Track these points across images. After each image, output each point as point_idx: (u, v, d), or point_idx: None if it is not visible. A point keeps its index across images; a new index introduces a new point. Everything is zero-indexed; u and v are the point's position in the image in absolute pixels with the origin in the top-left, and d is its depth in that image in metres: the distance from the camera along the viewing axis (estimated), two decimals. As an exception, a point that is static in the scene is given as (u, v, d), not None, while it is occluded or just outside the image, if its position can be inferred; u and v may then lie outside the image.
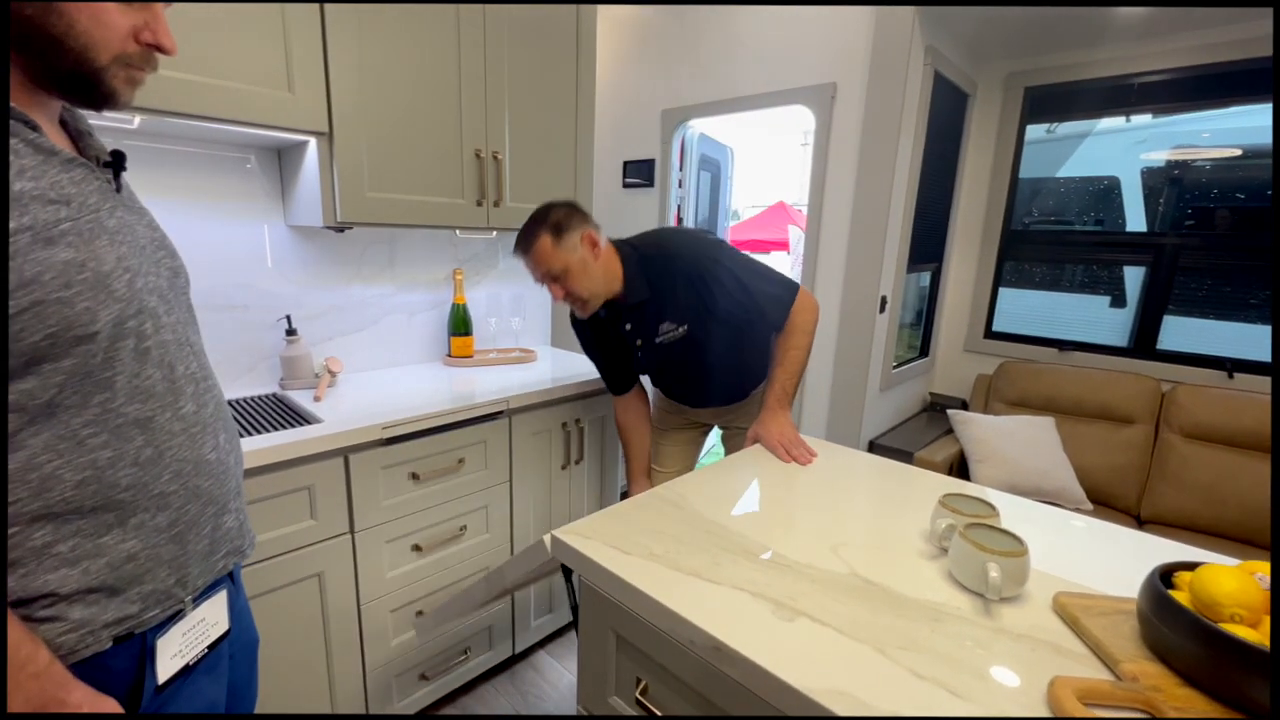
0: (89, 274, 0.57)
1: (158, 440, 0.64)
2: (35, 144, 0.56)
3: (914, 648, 0.65)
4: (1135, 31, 2.18)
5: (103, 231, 0.60)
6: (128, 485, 0.62)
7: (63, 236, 0.55)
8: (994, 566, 0.71)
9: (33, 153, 0.55)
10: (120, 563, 0.62)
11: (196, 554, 0.69)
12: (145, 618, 0.64)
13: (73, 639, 0.59)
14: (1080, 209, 2.59)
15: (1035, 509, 1.04)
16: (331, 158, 1.34)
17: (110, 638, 0.61)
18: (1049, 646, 0.66)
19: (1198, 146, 2.29)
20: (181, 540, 0.67)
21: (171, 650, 0.67)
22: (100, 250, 0.58)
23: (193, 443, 0.68)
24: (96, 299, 0.57)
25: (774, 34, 2.42)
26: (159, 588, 0.65)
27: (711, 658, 0.67)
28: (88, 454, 0.59)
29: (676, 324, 1.40)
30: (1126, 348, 2.45)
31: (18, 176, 0.53)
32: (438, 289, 1.90)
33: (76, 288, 0.56)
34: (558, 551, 0.87)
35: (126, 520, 0.62)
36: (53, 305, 0.54)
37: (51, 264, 0.54)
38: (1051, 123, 2.58)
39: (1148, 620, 0.63)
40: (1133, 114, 2.41)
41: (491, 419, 1.53)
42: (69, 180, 0.58)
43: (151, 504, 0.64)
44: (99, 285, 0.57)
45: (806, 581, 0.77)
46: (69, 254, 0.55)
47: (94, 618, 0.60)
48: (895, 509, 1.02)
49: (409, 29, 1.40)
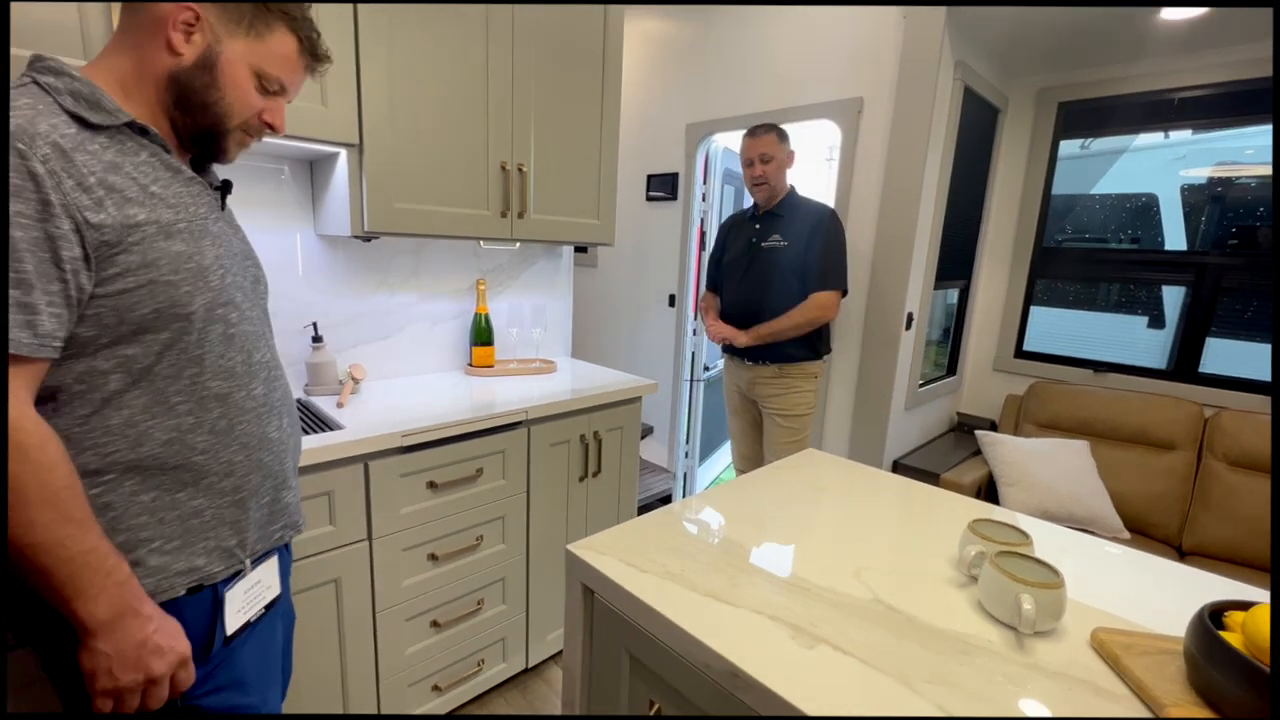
0: (193, 265, 0.70)
1: (231, 414, 0.75)
2: (166, 162, 0.72)
3: (941, 681, 0.62)
4: (1174, 46, 2.12)
5: (207, 234, 0.74)
6: (203, 450, 0.72)
7: (179, 233, 0.69)
8: (1027, 598, 0.68)
9: (164, 168, 0.71)
10: (189, 517, 0.72)
11: (256, 520, 0.79)
12: (212, 570, 0.74)
13: (150, 583, 0.68)
14: (1116, 226, 2.52)
15: (1069, 537, 0.99)
16: (361, 169, 1.36)
17: (184, 586, 0.71)
18: (1087, 686, 0.63)
19: (1241, 164, 2.21)
20: (243, 506, 0.77)
21: (236, 606, 0.77)
22: (204, 248, 0.72)
23: (260, 421, 0.78)
24: (196, 286, 0.70)
25: (800, 48, 2.42)
26: (222, 545, 0.75)
27: (728, 684, 0.65)
28: (175, 418, 0.70)
29: (783, 239, 2.03)
30: (1166, 370, 2.36)
31: (153, 182, 0.69)
32: (460, 299, 1.92)
33: (183, 274, 0.69)
34: (573, 566, 0.86)
35: (199, 481, 0.72)
36: (163, 285, 0.67)
37: (168, 253, 0.68)
38: (1086, 138, 2.52)
39: (1196, 663, 0.59)
40: (1172, 130, 2.34)
41: (510, 429, 1.53)
42: (187, 192, 0.73)
43: (220, 469, 0.74)
44: (199, 275, 0.71)
45: (828, 606, 0.75)
46: (181, 246, 0.69)
47: (167, 565, 0.70)
48: (921, 533, 0.98)
49: (438, 44, 1.43)
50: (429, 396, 1.61)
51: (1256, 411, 2.06)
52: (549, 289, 2.18)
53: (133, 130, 0.69)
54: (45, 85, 0.64)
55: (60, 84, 0.65)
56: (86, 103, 0.65)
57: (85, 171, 0.62)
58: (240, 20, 0.73)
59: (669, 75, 2.94)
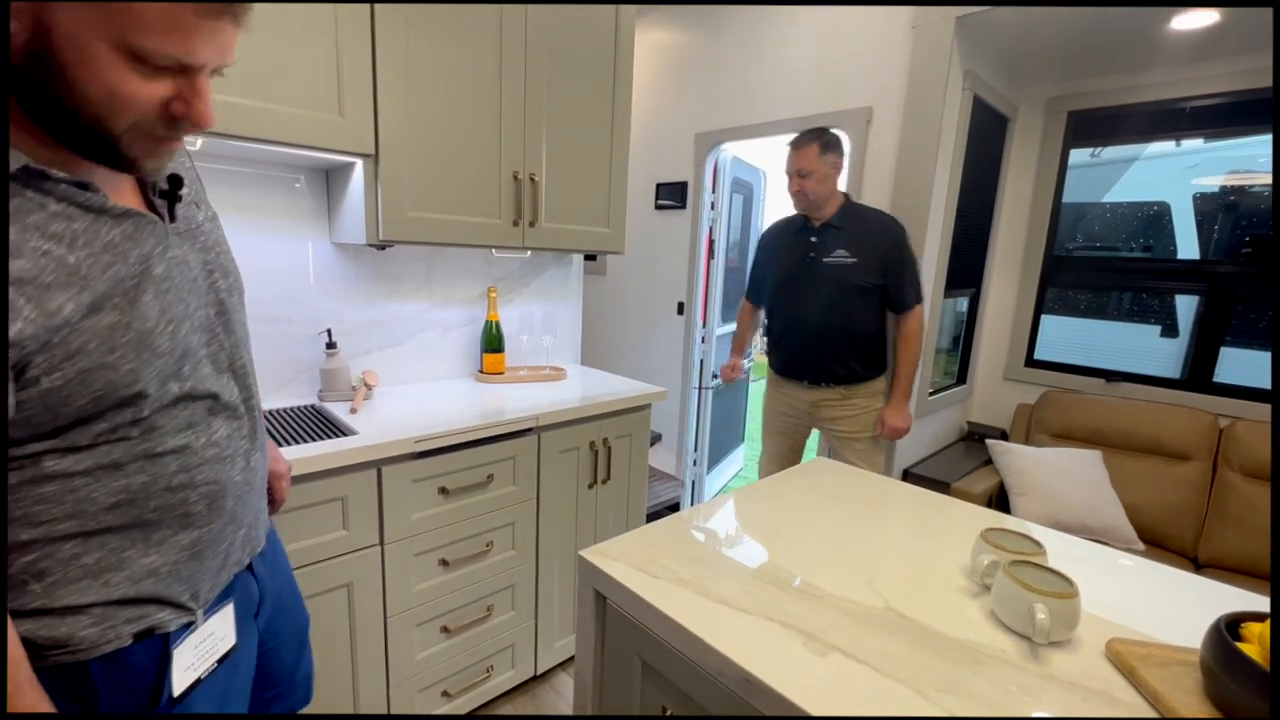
0: (132, 335, 0.57)
1: (190, 465, 0.65)
2: (86, 204, 0.55)
3: (955, 690, 0.62)
4: (1185, 55, 2.12)
5: (150, 284, 0.60)
6: (157, 507, 0.63)
7: (108, 304, 0.56)
8: (1041, 608, 0.68)
9: (81, 214, 0.55)
10: (141, 576, 0.63)
11: (210, 569, 0.70)
12: (162, 619, 0.65)
13: (94, 633, 0.60)
14: (1127, 235, 2.50)
15: (1083, 547, 0.99)
16: (376, 178, 1.38)
17: (130, 635, 0.62)
18: (1102, 697, 0.62)
19: (1254, 172, 2.20)
20: (201, 557, 0.68)
21: (185, 663, 0.68)
22: (145, 308, 0.58)
23: (223, 465, 0.69)
24: (140, 359, 0.58)
25: (809, 58, 2.44)
26: (173, 599, 0.66)
27: (741, 690, 0.65)
28: (123, 479, 0.60)
29: (850, 255, 1.90)
30: (1180, 379, 2.34)
31: (70, 247, 0.53)
32: (472, 306, 1.94)
33: (120, 350, 0.56)
34: (585, 573, 0.86)
35: (150, 538, 0.63)
36: (97, 371, 0.55)
37: (97, 330, 0.54)
38: (1096, 147, 2.52)
39: (1213, 674, 0.58)
40: (1183, 138, 2.33)
41: (521, 435, 1.54)
42: (121, 235, 0.58)
43: (176, 523, 0.65)
44: (142, 345, 0.58)
45: (840, 614, 0.75)
46: (113, 317, 0.56)
47: (113, 614, 0.61)
48: (932, 542, 0.98)
49: (452, 55, 1.45)
50: (441, 403, 1.62)
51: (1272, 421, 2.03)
52: (559, 296, 2.20)
53: (23, 182, 0.51)
54: None
55: None
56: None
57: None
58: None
59: (678, 85, 2.96)
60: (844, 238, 1.91)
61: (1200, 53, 2.10)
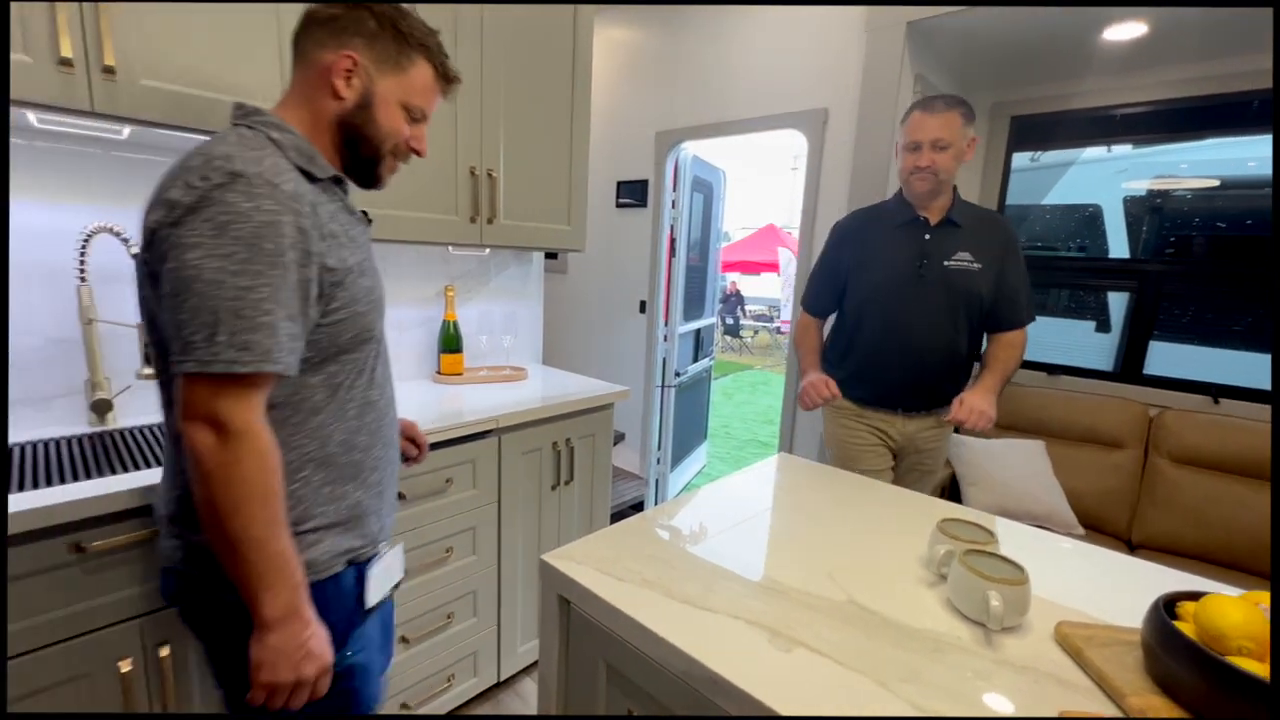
0: (374, 296, 0.84)
1: (379, 417, 0.86)
2: (348, 205, 0.84)
3: (915, 680, 0.63)
4: (1116, 65, 2.24)
5: (375, 268, 0.87)
6: (362, 448, 0.83)
7: (366, 270, 0.82)
8: (995, 595, 0.70)
9: (346, 212, 0.83)
10: (350, 507, 0.82)
11: (387, 508, 0.90)
12: (362, 551, 0.84)
13: (325, 559, 0.79)
14: (1065, 235, 2.64)
15: (1031, 534, 1.03)
16: (324, 172, 1.32)
17: (344, 562, 0.81)
18: (1052, 679, 0.65)
19: (1177, 176, 2.35)
20: (382, 496, 0.88)
21: (375, 584, 0.86)
22: (377, 280, 0.86)
23: (391, 423, 0.91)
24: (376, 313, 0.84)
25: (767, 59, 2.47)
26: (368, 530, 0.85)
27: (707, 690, 0.64)
28: (347, 421, 0.81)
29: (974, 260, 1.53)
30: (1113, 372, 2.48)
31: (348, 227, 0.80)
32: (428, 305, 1.88)
33: (368, 305, 0.82)
34: (548, 577, 0.84)
35: (358, 475, 0.83)
36: (359, 315, 0.80)
37: (362, 287, 0.80)
38: (1036, 151, 2.64)
39: (1153, 653, 0.61)
40: (1114, 144, 2.46)
41: (480, 438, 1.50)
42: (361, 233, 0.86)
43: (371, 464, 0.85)
44: (378, 304, 0.85)
45: (803, 609, 0.75)
46: (367, 281, 0.82)
47: (337, 544, 0.80)
48: (890, 533, 1.00)
49: (406, 47, 1.40)
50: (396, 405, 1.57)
51: (1197, 411, 2.18)
52: (519, 295, 2.16)
53: (333, 182, 0.81)
54: (276, 141, 0.73)
55: (285, 139, 0.75)
56: (307, 158, 0.76)
57: (324, 223, 0.74)
58: (388, 58, 0.82)
59: (638, 83, 2.96)
60: (966, 238, 1.54)
61: (1130, 63, 2.22)
